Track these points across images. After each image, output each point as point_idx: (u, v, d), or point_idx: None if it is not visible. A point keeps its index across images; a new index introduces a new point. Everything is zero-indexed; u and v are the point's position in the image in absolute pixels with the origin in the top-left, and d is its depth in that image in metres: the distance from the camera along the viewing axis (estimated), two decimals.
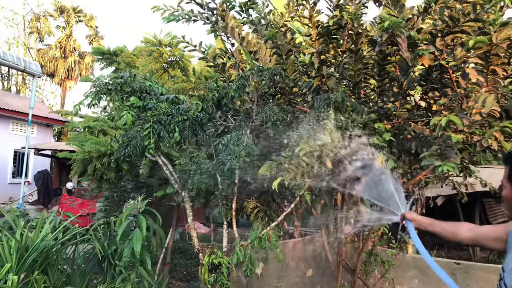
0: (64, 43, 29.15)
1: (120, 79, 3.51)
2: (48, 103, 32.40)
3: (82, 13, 30.05)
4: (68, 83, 29.55)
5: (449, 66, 3.40)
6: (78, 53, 29.64)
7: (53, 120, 20.63)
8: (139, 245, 3.57)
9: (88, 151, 5.84)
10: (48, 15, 30.25)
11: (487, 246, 1.87)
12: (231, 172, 3.91)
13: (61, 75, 28.66)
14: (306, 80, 4.70)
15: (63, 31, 30.24)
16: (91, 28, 30.04)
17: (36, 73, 11.07)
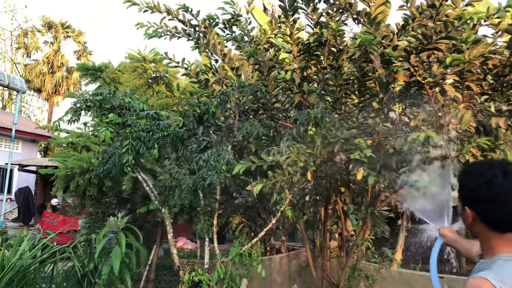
0: (51, 58, 29.05)
1: (99, 96, 3.51)
2: (35, 119, 32.14)
3: (70, 29, 30.04)
4: (55, 98, 29.38)
5: (426, 82, 3.46)
6: (66, 68, 29.53)
7: (39, 136, 20.42)
8: (118, 263, 3.52)
9: (71, 167, 5.79)
10: (36, 31, 30.20)
11: None
12: (212, 187, 3.90)
13: (49, 90, 28.49)
14: (290, 95, 4.75)
15: (51, 46, 30.16)
16: (79, 44, 30.02)
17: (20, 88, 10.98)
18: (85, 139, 6.50)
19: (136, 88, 6.50)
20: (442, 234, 2.07)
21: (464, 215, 1.53)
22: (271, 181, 3.31)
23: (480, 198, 1.45)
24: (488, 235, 1.47)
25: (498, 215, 1.43)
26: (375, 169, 3.66)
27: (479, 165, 1.56)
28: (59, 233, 7.33)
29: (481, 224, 1.47)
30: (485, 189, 1.43)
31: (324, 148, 3.40)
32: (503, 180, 1.42)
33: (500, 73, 3.60)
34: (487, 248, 1.49)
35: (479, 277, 1.37)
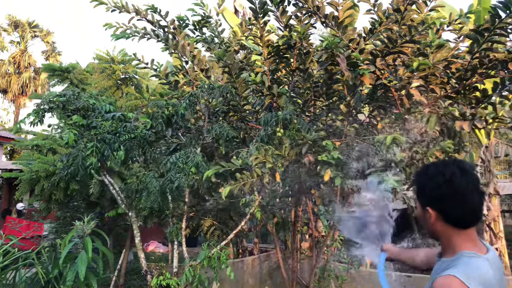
0: (18, 58, 28.15)
1: (62, 98, 3.42)
2: (0, 120, 31.06)
3: (38, 28, 29.20)
4: (22, 99, 28.46)
5: (392, 85, 3.53)
6: (33, 69, 28.66)
7: (4, 138, 19.69)
8: (84, 268, 3.44)
9: (36, 170, 5.61)
10: (2, 30, 29.22)
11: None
12: (180, 190, 3.86)
13: (15, 91, 27.57)
14: (260, 97, 4.75)
15: (18, 46, 29.24)
16: (48, 44, 29.21)
17: None
18: (51, 141, 6.32)
19: (104, 90, 6.37)
20: (385, 249, 2.11)
21: (425, 216, 1.55)
22: (240, 183, 3.30)
23: (441, 196, 1.49)
24: (449, 233, 1.51)
25: (459, 212, 1.48)
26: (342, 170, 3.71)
27: (434, 165, 1.59)
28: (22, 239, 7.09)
29: (442, 223, 1.51)
30: (446, 187, 1.47)
31: (292, 149, 3.42)
32: (462, 177, 1.47)
33: (462, 76, 3.71)
34: (448, 246, 1.52)
35: (448, 275, 1.40)
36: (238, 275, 6.35)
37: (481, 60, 3.55)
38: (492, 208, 7.81)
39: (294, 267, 4.86)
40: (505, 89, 3.79)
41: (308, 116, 4.43)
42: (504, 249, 7.92)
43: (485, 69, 3.63)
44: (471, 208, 1.48)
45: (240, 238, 8.15)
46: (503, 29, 3.25)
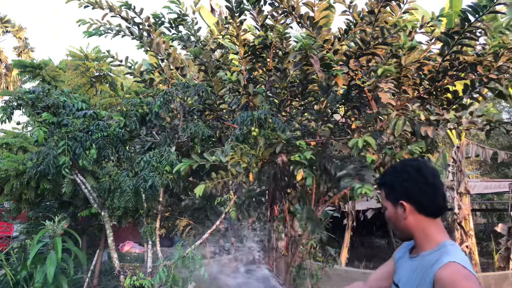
0: None
1: (31, 94, 3.33)
2: None
3: (10, 23, 28.40)
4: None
5: (365, 86, 3.58)
6: (5, 65, 27.87)
7: None
8: (53, 269, 3.36)
9: (5, 169, 5.45)
10: None
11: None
12: (154, 189, 3.81)
13: None
14: (237, 96, 4.74)
15: None
16: (20, 40, 28.43)
17: None
18: (21, 139, 6.15)
19: (78, 87, 6.24)
20: None
21: (397, 213, 1.60)
22: (215, 181, 3.28)
23: (415, 185, 1.56)
24: (424, 224, 1.57)
25: (433, 199, 1.56)
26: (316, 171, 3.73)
27: (399, 163, 1.73)
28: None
29: (416, 215, 1.57)
30: (418, 176, 1.56)
31: (266, 149, 3.42)
32: (427, 168, 1.59)
33: (434, 78, 3.79)
34: (425, 238, 1.57)
35: (448, 263, 1.44)
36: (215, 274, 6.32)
37: (451, 62, 3.64)
38: (463, 206, 8.02)
39: (270, 266, 4.87)
40: (474, 91, 3.90)
41: (284, 116, 4.45)
42: (474, 247, 8.14)
43: (455, 71, 3.72)
44: (442, 194, 1.57)
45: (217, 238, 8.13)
46: (472, 33, 3.34)
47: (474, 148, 8.74)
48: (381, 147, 3.44)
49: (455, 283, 1.40)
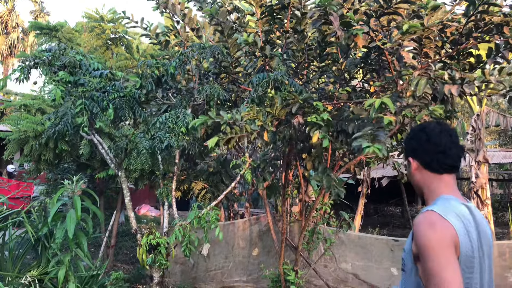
0: (5, 18, 27.37)
1: (47, 53, 3.32)
2: None
3: None
4: (10, 60, 27.85)
5: (385, 47, 3.47)
6: (21, 29, 27.95)
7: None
8: (73, 226, 3.44)
9: (24, 130, 5.54)
10: None
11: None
12: (171, 151, 3.84)
13: (3, 52, 26.97)
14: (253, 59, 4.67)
15: (5, 5, 28.34)
16: (36, 3, 28.37)
17: None
18: (39, 101, 6.22)
19: (94, 49, 6.22)
20: None
21: (409, 168, 1.73)
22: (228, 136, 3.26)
23: (417, 142, 1.69)
24: (429, 179, 1.66)
25: (432, 154, 1.65)
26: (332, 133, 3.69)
27: (419, 125, 1.80)
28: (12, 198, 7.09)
29: (422, 170, 1.68)
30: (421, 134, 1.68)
31: (283, 108, 3.38)
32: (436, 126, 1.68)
33: (457, 41, 3.65)
34: (429, 194, 1.67)
35: (426, 211, 1.53)
36: (229, 237, 6.44)
37: (476, 23, 3.49)
38: (481, 175, 7.92)
39: (283, 230, 4.92)
40: (499, 55, 3.76)
41: (300, 79, 4.37)
42: (490, 216, 8.10)
43: (480, 33, 3.57)
44: (450, 153, 1.63)
45: (231, 202, 8.24)
46: None
47: (495, 116, 8.54)
48: (400, 109, 3.37)
49: (419, 228, 1.50)
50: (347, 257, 6.41)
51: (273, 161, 5.04)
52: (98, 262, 5.10)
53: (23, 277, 3.87)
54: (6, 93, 11.60)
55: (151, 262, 3.74)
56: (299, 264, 5.02)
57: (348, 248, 6.37)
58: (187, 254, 3.70)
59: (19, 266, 4.16)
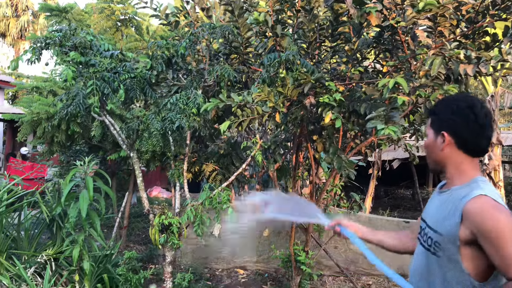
0: (15, 1, 27.36)
1: (58, 33, 3.32)
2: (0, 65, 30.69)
3: None
4: (21, 43, 27.95)
5: (399, 26, 3.40)
6: (31, 12, 27.95)
7: (4, 83, 19.56)
8: (86, 206, 3.49)
9: (36, 112, 5.59)
10: None
11: None
12: (182, 132, 3.84)
13: (14, 35, 27.04)
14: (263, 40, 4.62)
15: None
16: None
17: None
18: (51, 83, 6.25)
19: (104, 31, 6.21)
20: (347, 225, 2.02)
21: (435, 142, 1.60)
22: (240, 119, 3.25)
23: (463, 121, 1.54)
24: (460, 159, 1.56)
25: (478, 138, 1.54)
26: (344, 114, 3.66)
27: (456, 96, 1.69)
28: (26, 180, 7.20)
29: (455, 149, 1.57)
30: (469, 112, 1.53)
31: (295, 89, 3.35)
32: (481, 107, 1.54)
33: (472, 19, 3.56)
34: (457, 173, 1.57)
35: (479, 195, 1.44)
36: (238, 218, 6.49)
37: (493, 0, 3.40)
38: (494, 157, 7.83)
39: None
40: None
41: (312, 60, 4.32)
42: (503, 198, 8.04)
43: (497, 10, 3.48)
44: (488, 136, 1.55)
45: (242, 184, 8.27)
46: None
47: (510, 97, 8.39)
48: (414, 89, 3.32)
49: (484, 214, 1.40)
50: None
51: (283, 143, 5.03)
52: (111, 242, 5.19)
53: (39, 255, 3.95)
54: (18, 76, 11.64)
55: (163, 242, 3.78)
56: (309, 245, 5.04)
57: None
58: (199, 234, 3.74)
59: (35, 245, 4.25)
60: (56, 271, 4.01)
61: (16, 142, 15.11)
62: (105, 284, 3.95)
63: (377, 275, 6.16)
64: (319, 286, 5.72)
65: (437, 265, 1.54)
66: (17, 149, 14.58)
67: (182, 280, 4.31)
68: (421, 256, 1.64)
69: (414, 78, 3.60)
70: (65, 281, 3.91)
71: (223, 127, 3.01)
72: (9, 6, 27.25)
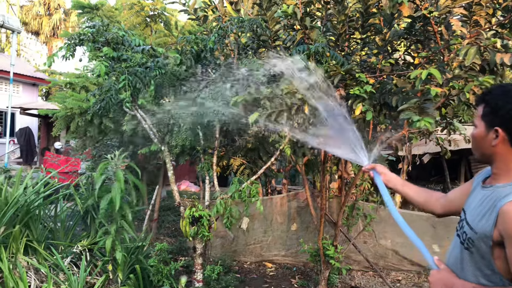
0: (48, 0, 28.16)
1: (92, 29, 3.39)
2: (35, 63, 31.67)
3: None
4: (54, 41, 28.76)
5: (431, 16, 3.32)
6: (63, 10, 28.70)
7: (39, 79, 20.20)
8: (118, 198, 3.57)
9: (70, 107, 5.75)
10: None
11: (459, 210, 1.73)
12: (211, 127, 3.87)
13: (47, 33, 27.86)
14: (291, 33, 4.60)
15: None
16: None
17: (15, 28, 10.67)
18: (83, 79, 6.41)
19: (133, 27, 6.31)
20: (380, 172, 2.01)
21: (487, 136, 1.52)
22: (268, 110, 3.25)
23: None
24: (511, 157, 1.48)
25: None
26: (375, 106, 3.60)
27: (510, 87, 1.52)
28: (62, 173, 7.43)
29: (507, 146, 1.47)
30: None
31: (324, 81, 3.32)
32: None
33: (509, 7, 3.44)
34: (505, 170, 1.49)
35: None
36: (267, 212, 6.51)
37: None
38: None
39: (322, 205, 4.91)
40: None
41: (341, 51, 4.27)
42: None
43: None
44: None
45: (269, 179, 8.28)
46: None
47: None
48: (447, 81, 3.23)
49: None
50: (386, 234, 6.35)
51: None
52: (142, 234, 5.30)
53: (75, 246, 4.07)
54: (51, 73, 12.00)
55: (194, 234, 3.84)
56: (338, 239, 5.01)
57: (387, 224, 6.30)
58: (228, 226, 3.78)
59: (70, 236, 4.39)
60: (91, 261, 4.13)
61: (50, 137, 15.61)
62: (137, 275, 4.04)
63: (407, 270, 6.07)
64: (348, 280, 5.69)
65: (470, 260, 1.52)
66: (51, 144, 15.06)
67: (211, 272, 4.37)
68: (457, 248, 1.62)
69: (447, 69, 3.51)
70: (99, 271, 4.02)
71: (251, 119, 3.01)
72: (42, 5, 28.04)
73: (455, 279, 1.56)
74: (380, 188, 1.99)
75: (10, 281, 3.37)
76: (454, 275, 1.58)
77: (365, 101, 3.21)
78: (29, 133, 14.73)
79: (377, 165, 2.05)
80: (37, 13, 27.88)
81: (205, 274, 4.30)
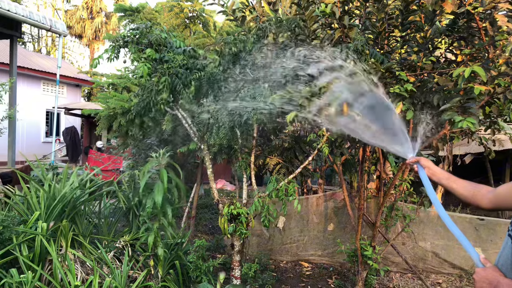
0: (90, 3, 29.20)
1: (136, 31, 3.51)
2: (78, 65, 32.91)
3: None
4: (95, 44, 29.82)
5: (476, 12, 3.23)
6: (104, 13, 29.69)
7: (82, 81, 21.00)
8: (161, 197, 3.68)
9: (113, 107, 5.95)
10: None
11: (509, 206, 1.67)
12: (249, 125, 3.92)
13: (89, 36, 28.92)
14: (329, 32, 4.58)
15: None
16: None
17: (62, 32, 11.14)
18: (125, 80, 6.62)
19: (173, 28, 6.47)
20: (425, 165, 1.96)
21: None
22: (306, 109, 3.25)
23: None
24: None
25: None
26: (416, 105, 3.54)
27: None
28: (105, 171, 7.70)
29: None
30: None
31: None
32: None
33: None
34: None
35: None
36: (303, 212, 6.51)
37: None
38: None
39: (361, 205, 4.86)
40: None
41: (381, 49, 4.22)
42: None
43: None
44: None
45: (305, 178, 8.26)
46: None
47: None
48: (492, 78, 3.13)
49: None
50: (426, 235, 6.20)
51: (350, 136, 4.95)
52: (182, 231, 5.42)
53: (117, 241, 4.23)
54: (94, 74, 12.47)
55: (232, 231, 3.90)
56: (376, 240, 4.95)
57: (427, 226, 6.16)
58: (266, 225, 3.81)
59: (113, 232, 4.55)
60: (133, 256, 4.27)
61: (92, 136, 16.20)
62: (177, 270, 4.14)
63: (448, 273, 5.91)
64: (386, 282, 5.60)
65: None
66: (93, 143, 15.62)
67: (248, 270, 4.42)
68: (508, 249, 1.58)
69: (492, 66, 3.40)
70: (141, 266, 4.16)
71: (289, 117, 3.03)
72: (85, 9, 29.10)
73: (500, 277, 1.53)
74: (424, 182, 1.96)
75: (60, 272, 3.54)
76: (500, 274, 1.55)
77: (405, 99, 3.16)
78: (74, 132, 15.45)
79: (421, 158, 2.03)
80: (80, 17, 28.98)
81: (243, 272, 4.36)
